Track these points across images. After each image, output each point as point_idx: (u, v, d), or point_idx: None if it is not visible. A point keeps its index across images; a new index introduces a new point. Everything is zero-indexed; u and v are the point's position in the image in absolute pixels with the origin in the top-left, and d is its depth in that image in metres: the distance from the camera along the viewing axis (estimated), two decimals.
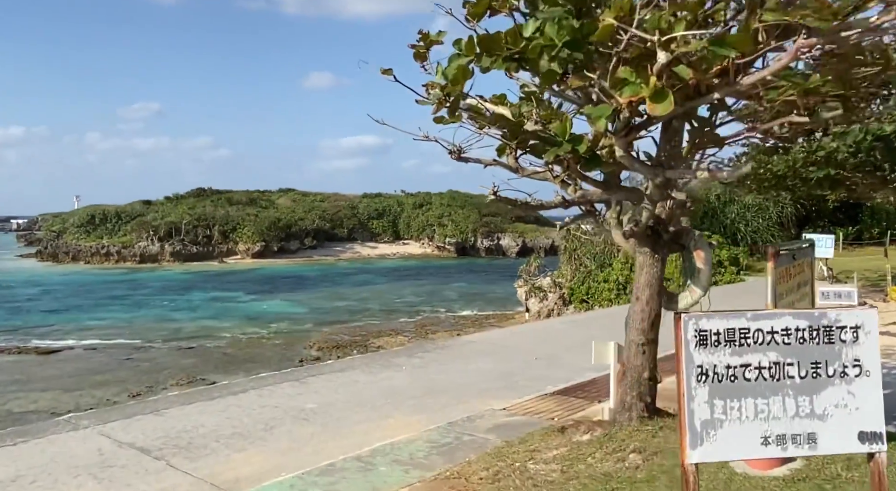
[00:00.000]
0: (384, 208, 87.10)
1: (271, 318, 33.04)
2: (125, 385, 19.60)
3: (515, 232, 79.74)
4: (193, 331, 29.15)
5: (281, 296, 42.06)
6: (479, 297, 41.39)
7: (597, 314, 13.13)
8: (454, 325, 30.66)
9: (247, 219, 72.70)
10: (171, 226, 69.53)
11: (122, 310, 35.07)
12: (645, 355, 4.84)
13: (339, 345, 25.91)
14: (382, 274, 58.04)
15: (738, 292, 15.80)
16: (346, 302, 39.30)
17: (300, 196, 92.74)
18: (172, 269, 61.19)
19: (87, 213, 79.42)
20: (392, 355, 9.01)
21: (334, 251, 77.48)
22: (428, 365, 8.35)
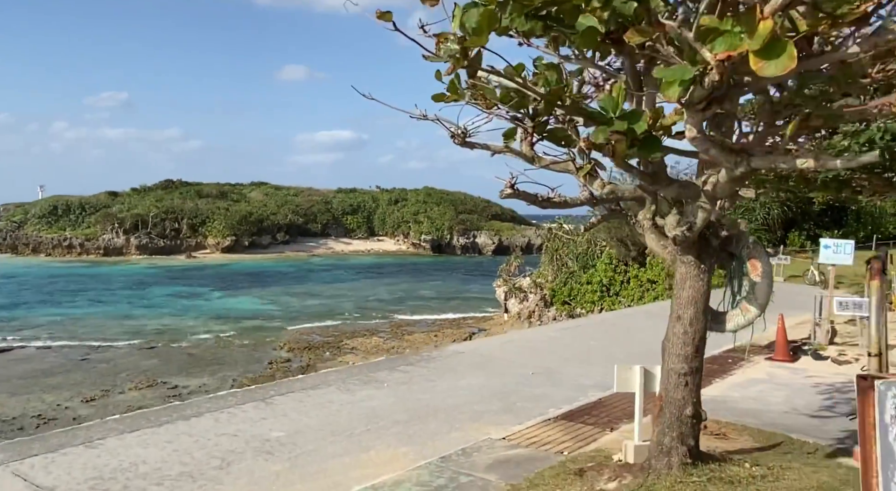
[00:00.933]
0: (359, 204, 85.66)
1: (240, 316, 31.70)
2: (79, 389, 18.25)
3: (492, 230, 79.06)
4: (156, 329, 27.71)
5: (251, 293, 40.64)
6: (455, 296, 40.50)
7: (590, 321, 12.29)
8: (431, 325, 29.71)
9: (217, 212, 70.72)
10: (138, 218, 67.26)
11: (81, 306, 33.35)
12: (687, 388, 3.96)
13: (311, 346, 24.77)
14: (356, 271, 56.82)
15: None
16: (319, 300, 38.07)
17: (273, 190, 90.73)
18: (137, 263, 59.09)
19: (50, 204, 76.49)
20: (372, 368, 7.99)
21: (307, 247, 75.88)
22: (413, 381, 7.36)
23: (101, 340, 24.83)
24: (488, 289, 43.49)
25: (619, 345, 9.82)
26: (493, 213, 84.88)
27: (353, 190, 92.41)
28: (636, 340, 10.19)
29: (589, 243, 24.31)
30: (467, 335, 26.39)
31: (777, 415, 6.30)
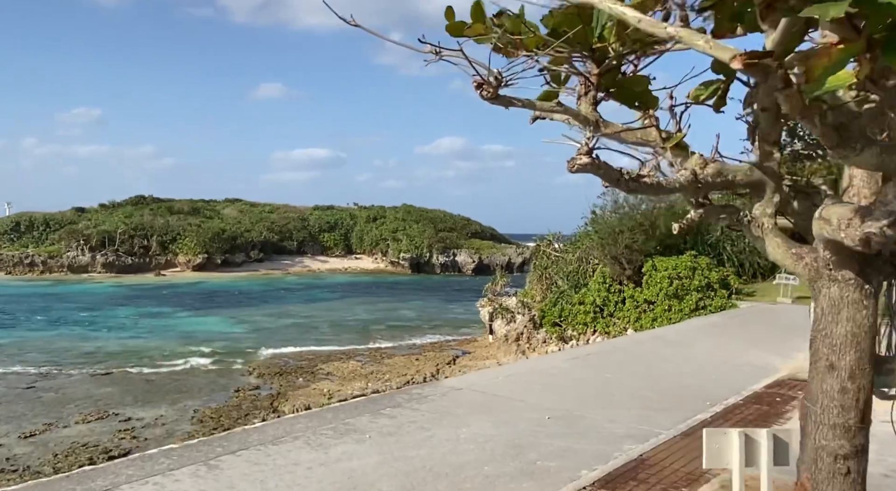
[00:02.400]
0: (336, 221, 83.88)
1: (207, 337, 29.71)
2: (19, 422, 16.27)
3: (471, 248, 77.73)
4: (115, 352, 25.65)
5: (221, 313, 38.59)
6: (437, 317, 38.90)
7: (600, 349, 10.85)
8: (412, 348, 28.07)
9: (189, 229, 68.32)
10: (105, 235, 64.58)
11: (36, 328, 31.07)
12: (849, 478, 2.54)
13: (283, 371, 22.96)
14: (333, 290, 54.93)
15: (749, 321, 13.82)
16: (293, 320, 36.18)
17: (248, 207, 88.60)
18: (103, 281, 56.47)
19: (13, 220, 73.35)
20: (350, 412, 6.42)
21: (282, 265, 73.71)
22: (402, 430, 5.81)
23: (52, 366, 22.75)
24: (470, 309, 41.98)
25: (641, 378, 8.38)
26: (472, 231, 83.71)
27: (330, 207, 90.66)
28: (660, 372, 8.76)
29: (580, 261, 23.00)
30: (451, 358, 24.82)
31: None
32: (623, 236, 20.02)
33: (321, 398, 19.00)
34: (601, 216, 21.04)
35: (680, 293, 18.61)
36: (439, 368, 23.02)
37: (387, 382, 21.11)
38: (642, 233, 20.03)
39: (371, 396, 7.68)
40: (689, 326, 13.16)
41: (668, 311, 18.75)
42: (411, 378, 21.43)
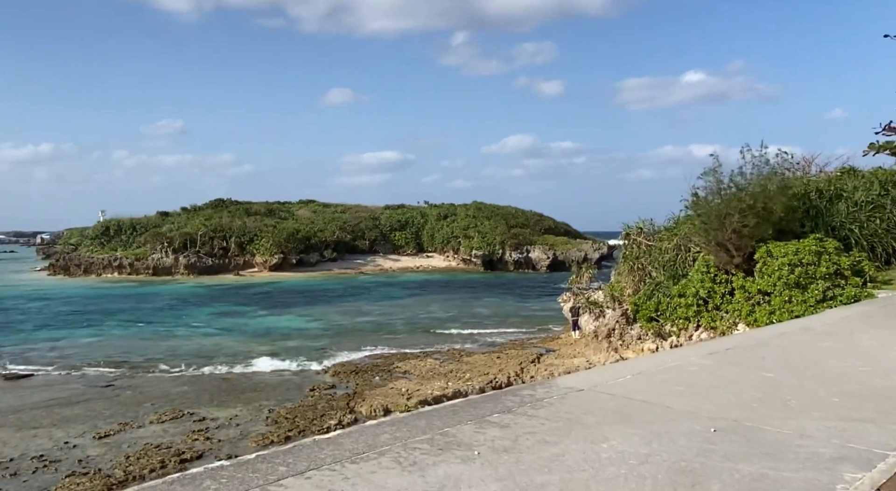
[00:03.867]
0: (407, 220, 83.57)
1: (283, 336, 29.28)
2: (95, 422, 15.87)
3: (545, 244, 75.45)
4: (194, 351, 25.47)
5: (296, 311, 38.39)
6: (513, 314, 37.25)
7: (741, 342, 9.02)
8: (491, 346, 26.56)
9: (265, 230, 69.51)
10: (187, 237, 66.56)
11: (120, 327, 31.60)
12: None
13: (358, 370, 21.98)
14: (406, 288, 54.21)
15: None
16: (368, 318, 35.44)
17: (321, 207, 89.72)
18: (185, 282, 58.00)
19: (103, 225, 77.05)
20: (448, 419, 5.00)
21: (355, 264, 73.90)
22: (520, 444, 4.32)
23: (132, 364, 22.67)
24: (548, 306, 40.11)
25: (812, 378, 6.55)
26: (545, 227, 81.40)
27: (400, 206, 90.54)
28: (833, 371, 6.90)
29: (678, 249, 20.82)
30: (535, 357, 23.15)
31: None
32: (731, 220, 17.74)
33: (400, 398, 17.80)
34: (704, 199, 18.77)
35: (803, 282, 16.21)
36: (523, 367, 21.41)
37: (468, 381, 19.71)
38: (754, 216, 17.69)
39: (471, 399, 6.07)
40: (833, 318, 11.04)
41: (788, 302, 16.37)
42: (494, 377, 19.94)
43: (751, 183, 18.42)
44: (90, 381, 20.21)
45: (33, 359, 23.47)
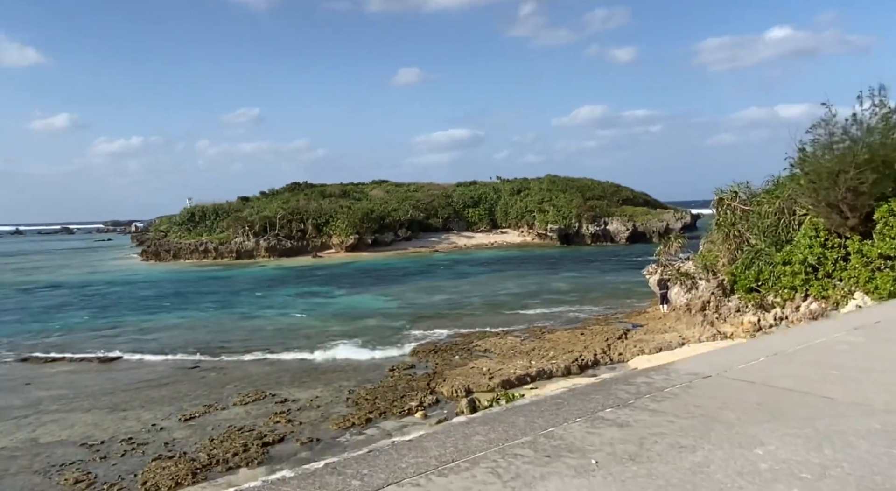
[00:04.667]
0: (479, 196, 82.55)
1: (361, 315, 29.20)
2: (181, 403, 16.03)
3: (624, 216, 72.66)
4: (275, 331, 25.72)
5: (374, 290, 38.42)
6: (594, 288, 35.79)
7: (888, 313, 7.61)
8: (573, 322, 25.41)
9: (340, 211, 70.38)
10: (266, 221, 68.30)
11: (204, 309, 32.49)
12: None
13: (438, 348, 21.43)
14: (481, 264, 53.46)
15: None
16: (445, 295, 34.96)
17: (393, 187, 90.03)
18: (266, 264, 59.58)
19: (189, 212, 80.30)
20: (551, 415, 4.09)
21: (429, 242, 73.78)
22: (648, 449, 3.36)
23: (217, 346, 23.05)
24: (630, 279, 38.30)
25: None
26: (623, 197, 78.39)
27: (473, 183, 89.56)
28: None
29: (780, 213, 18.92)
30: (621, 333, 21.87)
31: None
32: (845, 177, 15.77)
33: (481, 378, 17.09)
34: (812, 155, 16.78)
35: None
36: (610, 344, 20.21)
37: (552, 359, 18.74)
38: (872, 171, 15.65)
39: (577, 389, 5.07)
40: None
41: None
42: (580, 355, 18.88)
43: (871, 134, 16.29)
44: (176, 362, 20.64)
45: (124, 342, 24.30)
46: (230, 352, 22.04)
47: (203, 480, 11.27)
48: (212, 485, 11.12)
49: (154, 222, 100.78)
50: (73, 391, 17.40)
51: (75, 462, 12.10)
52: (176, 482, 11.10)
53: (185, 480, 11.20)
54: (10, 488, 10.94)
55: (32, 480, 11.25)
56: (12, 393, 17.23)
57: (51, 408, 15.85)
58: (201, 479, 11.32)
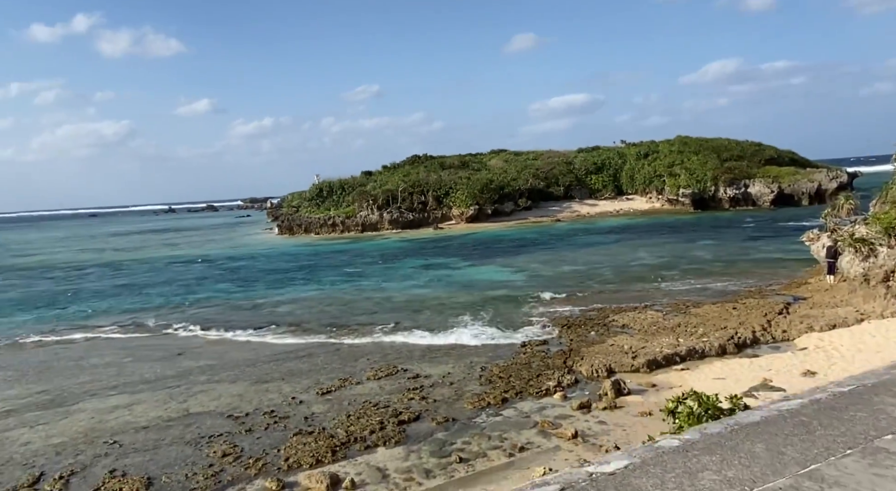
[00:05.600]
0: (603, 162, 78.93)
1: (487, 287, 28.56)
2: (317, 377, 16.17)
3: (768, 177, 66.41)
4: (403, 303, 25.72)
5: (497, 261, 37.67)
6: (739, 257, 32.72)
7: None
8: (721, 295, 23.15)
9: (459, 183, 70.13)
10: (389, 194, 69.55)
11: (335, 281, 33.35)
12: None
13: (570, 323, 20.26)
14: (607, 233, 51.02)
15: None
16: (572, 266, 33.48)
17: (512, 156, 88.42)
18: (390, 237, 60.73)
19: (317, 188, 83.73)
20: (805, 443, 2.79)
21: (551, 211, 71.78)
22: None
23: (348, 318, 23.35)
24: (783, 246, 34.63)
25: None
26: (766, 157, 71.63)
27: (595, 148, 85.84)
28: None
29: None
30: (781, 307, 19.50)
31: None
32: None
33: (623, 357, 15.78)
34: None
35: None
36: (770, 320, 18.04)
37: (702, 337, 16.99)
38: None
39: (819, 400, 3.71)
40: None
41: None
42: (735, 332, 16.96)
43: None
44: (311, 334, 21.06)
45: (262, 313, 25.30)
46: (361, 324, 22.21)
47: (343, 459, 11.06)
48: (351, 464, 10.89)
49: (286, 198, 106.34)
50: (219, 362, 18.18)
51: (222, 434, 12.38)
52: (316, 459, 10.97)
53: (325, 457, 11.05)
54: (165, 458, 11.33)
55: (185, 451, 11.59)
56: (166, 363, 18.28)
57: (200, 378, 16.58)
58: (341, 457, 11.12)
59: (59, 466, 11.18)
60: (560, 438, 11.43)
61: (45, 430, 13.13)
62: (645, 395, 13.41)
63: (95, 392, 15.72)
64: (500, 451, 11.06)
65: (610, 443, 10.98)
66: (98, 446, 12.04)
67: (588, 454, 10.66)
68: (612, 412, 12.56)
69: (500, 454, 10.93)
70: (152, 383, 16.26)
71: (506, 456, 10.86)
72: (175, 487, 10.20)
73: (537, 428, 11.98)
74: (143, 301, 29.89)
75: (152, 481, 10.35)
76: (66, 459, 11.48)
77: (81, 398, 15.28)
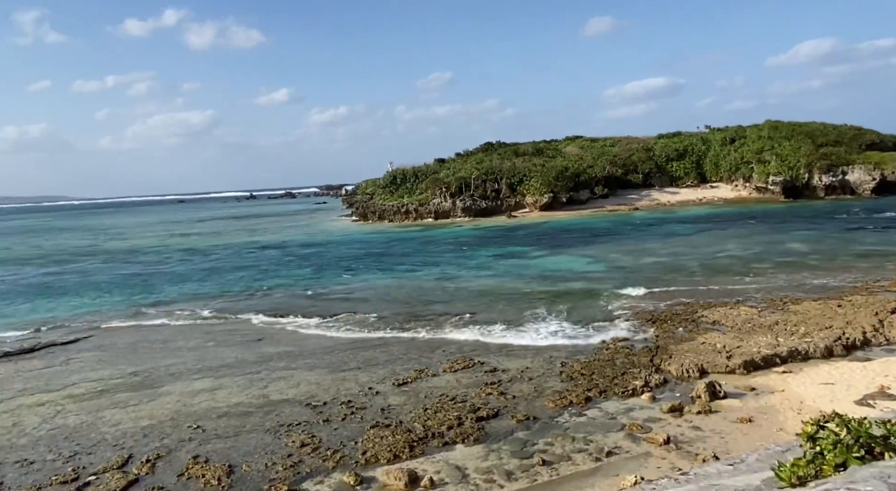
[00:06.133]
0: (685, 148, 75.53)
1: (563, 278, 27.69)
2: (393, 367, 16.00)
3: (869, 163, 61.56)
4: (477, 293, 25.27)
5: (573, 251, 36.60)
6: (840, 250, 30.34)
7: None
8: (823, 290, 21.42)
9: (533, 170, 68.86)
10: (462, 181, 69.16)
11: (410, 269, 33.30)
12: None
13: (656, 318, 19.24)
14: (690, 223, 48.72)
15: None
16: (654, 258, 32.04)
17: (588, 142, 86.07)
18: (462, 224, 60.40)
19: (391, 175, 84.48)
20: None
21: (628, 199, 69.41)
22: None
23: (422, 307, 23.12)
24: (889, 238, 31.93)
25: None
26: (867, 142, 66.48)
27: (676, 134, 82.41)
28: None
29: None
30: (894, 305, 17.75)
31: None
32: None
33: (716, 357, 14.74)
34: None
35: None
36: (882, 319, 16.45)
37: (804, 337, 15.66)
38: None
39: None
40: None
41: None
42: (842, 332, 15.53)
43: None
44: (387, 323, 20.95)
45: (338, 300, 25.46)
46: (435, 314, 21.92)
47: (420, 455, 10.75)
48: (429, 461, 10.56)
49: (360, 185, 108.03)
50: (296, 348, 18.33)
51: (301, 423, 12.34)
52: (394, 454, 10.71)
53: (402, 452, 10.77)
54: (245, 446, 11.37)
55: (265, 440, 11.60)
56: (246, 348, 18.60)
57: (278, 365, 16.74)
58: (418, 453, 10.82)
59: (146, 449, 11.43)
60: (650, 443, 10.69)
61: (134, 411, 13.53)
62: (743, 399, 12.41)
63: (180, 375, 16.14)
64: (586, 454, 10.45)
65: (707, 451, 10.15)
66: (182, 430, 12.25)
67: (683, 463, 9.89)
68: (707, 417, 11.67)
69: (586, 458, 10.32)
70: (233, 368, 16.55)
71: (592, 460, 10.24)
72: (255, 476, 10.18)
73: (625, 431, 11.27)
74: (225, 285, 30.80)
75: (233, 470, 10.37)
76: (152, 443, 11.73)
77: (167, 381, 15.71)
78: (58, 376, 16.58)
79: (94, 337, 21.07)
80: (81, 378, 16.28)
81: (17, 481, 10.28)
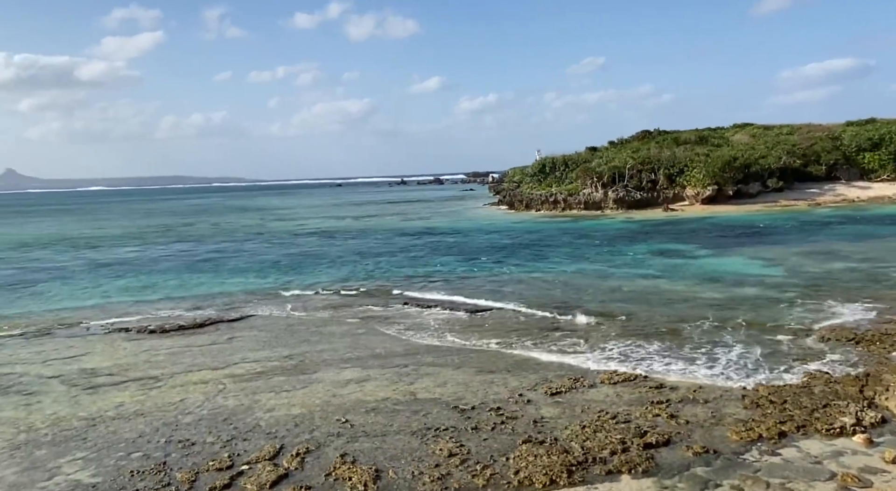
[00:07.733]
0: (881, 137, 66.07)
1: (735, 282, 24.77)
2: (545, 373, 14.83)
3: None
4: (634, 294, 23.30)
5: (743, 251, 33.00)
6: None
7: None
8: None
9: (696, 160, 63.72)
10: (615, 171, 65.80)
11: (558, 262, 31.80)
12: None
13: (860, 338, 16.27)
14: (888, 224, 42.21)
15: None
16: (847, 263, 27.84)
17: (760, 130, 78.36)
18: (614, 217, 57.38)
19: (540, 163, 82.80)
20: None
21: (808, 194, 62.08)
22: None
23: (574, 306, 21.62)
24: None
25: None
26: None
27: (870, 120, 72.47)
28: None
29: None
30: None
31: None
32: None
33: None
34: None
35: None
36: None
37: None
38: None
39: None
40: None
41: None
42: None
43: None
44: (538, 321, 19.80)
45: (486, 292, 24.68)
46: (588, 314, 20.36)
47: (580, 483, 9.54)
48: (591, 490, 9.32)
49: (508, 173, 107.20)
50: (445, 343, 17.77)
51: (448, 429, 11.62)
52: (550, 478, 9.59)
53: (560, 477, 9.62)
54: (392, 448, 10.86)
55: (412, 444, 11.01)
56: (395, 340, 18.36)
57: (426, 359, 16.24)
58: (578, 480, 9.61)
59: (297, 440, 11.31)
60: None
61: (287, 398, 13.63)
62: None
63: (331, 363, 16.19)
64: None
65: None
66: (332, 424, 12.04)
67: None
68: None
69: None
70: (382, 359, 16.31)
71: None
72: (401, 485, 9.57)
73: (836, 482, 9.23)
74: (377, 270, 31.34)
75: (380, 475, 9.85)
76: (303, 434, 11.60)
77: (319, 367, 15.80)
78: (222, 354, 17.37)
79: (255, 317, 22.08)
80: (242, 358, 16.90)
81: (179, 463, 10.53)
